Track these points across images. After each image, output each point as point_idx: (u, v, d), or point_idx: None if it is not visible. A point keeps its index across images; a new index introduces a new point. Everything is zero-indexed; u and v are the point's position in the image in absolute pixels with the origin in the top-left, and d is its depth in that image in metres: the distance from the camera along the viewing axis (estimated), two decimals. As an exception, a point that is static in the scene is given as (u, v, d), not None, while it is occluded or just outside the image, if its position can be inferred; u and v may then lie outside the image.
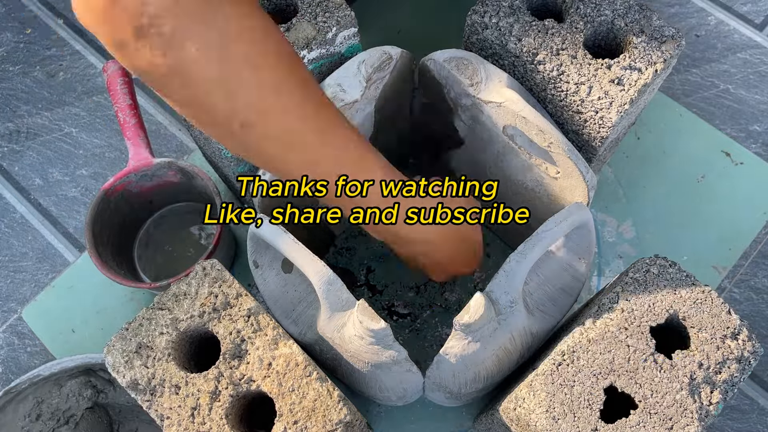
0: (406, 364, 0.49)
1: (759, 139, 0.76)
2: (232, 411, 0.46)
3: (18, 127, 0.80)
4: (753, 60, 0.80)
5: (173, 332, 0.47)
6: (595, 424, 0.43)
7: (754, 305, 0.69)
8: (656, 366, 0.44)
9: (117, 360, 0.47)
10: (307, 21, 0.54)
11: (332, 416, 0.45)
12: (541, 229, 0.49)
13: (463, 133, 0.59)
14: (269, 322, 0.48)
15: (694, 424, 0.42)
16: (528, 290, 0.52)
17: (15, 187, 0.78)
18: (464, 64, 0.54)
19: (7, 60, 0.84)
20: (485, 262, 0.69)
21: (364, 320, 0.45)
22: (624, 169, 0.74)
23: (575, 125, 0.55)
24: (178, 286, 0.49)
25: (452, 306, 0.67)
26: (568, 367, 0.44)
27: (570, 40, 0.54)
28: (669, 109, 0.77)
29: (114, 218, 0.67)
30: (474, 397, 0.58)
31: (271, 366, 0.46)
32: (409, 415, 0.64)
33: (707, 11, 0.84)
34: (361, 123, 0.57)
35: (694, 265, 0.69)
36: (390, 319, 0.67)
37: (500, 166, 0.59)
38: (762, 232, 0.71)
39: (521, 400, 0.45)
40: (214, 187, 0.64)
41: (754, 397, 0.66)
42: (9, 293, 0.73)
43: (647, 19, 0.54)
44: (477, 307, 0.45)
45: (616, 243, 0.71)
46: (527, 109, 0.51)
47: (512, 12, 0.55)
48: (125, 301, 0.71)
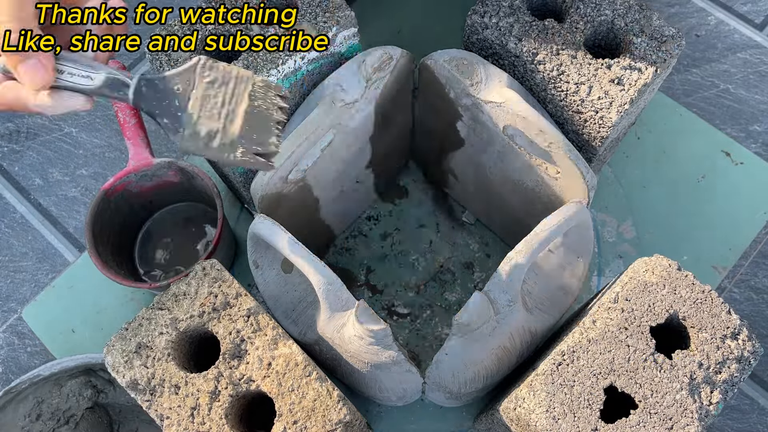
0: (406, 364, 0.49)
1: (759, 139, 0.76)
2: (231, 411, 0.46)
3: (18, 127, 0.80)
4: (753, 60, 0.80)
5: (173, 332, 0.47)
6: (595, 424, 0.43)
7: (754, 305, 0.69)
8: (656, 366, 0.44)
9: (117, 360, 0.47)
10: (307, 21, 0.54)
11: (332, 416, 0.45)
12: (539, 228, 0.49)
13: (463, 133, 0.59)
14: (269, 322, 0.48)
15: (694, 424, 0.42)
16: (527, 289, 0.52)
17: (15, 187, 0.78)
18: (464, 64, 0.54)
19: (7, 60, 0.84)
20: (485, 262, 0.69)
21: (364, 320, 0.46)
22: (624, 169, 0.74)
23: (575, 125, 0.55)
24: (178, 286, 0.49)
25: (452, 306, 0.67)
26: (568, 367, 0.44)
27: (570, 40, 0.54)
28: (669, 109, 0.77)
29: (114, 218, 0.67)
30: (474, 397, 0.58)
31: (270, 366, 0.46)
32: (409, 415, 0.64)
33: (707, 11, 0.84)
34: (361, 123, 0.57)
35: (694, 265, 0.69)
36: (390, 319, 0.67)
37: (500, 166, 0.59)
38: (762, 232, 0.71)
39: (521, 400, 0.45)
40: (214, 187, 0.64)
41: (754, 397, 0.66)
42: (9, 293, 0.73)
43: (647, 19, 0.54)
44: (476, 306, 0.45)
45: (616, 243, 0.71)
46: (527, 109, 0.51)
47: (512, 12, 0.55)
48: (125, 301, 0.71)
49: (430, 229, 0.71)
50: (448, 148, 0.63)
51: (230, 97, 0.42)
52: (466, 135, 0.59)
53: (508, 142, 0.55)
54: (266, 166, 0.42)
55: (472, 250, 0.70)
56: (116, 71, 0.43)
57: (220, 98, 0.42)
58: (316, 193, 0.59)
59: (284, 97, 0.43)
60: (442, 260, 0.69)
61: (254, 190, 0.53)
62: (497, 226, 0.69)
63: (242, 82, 0.42)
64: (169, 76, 0.42)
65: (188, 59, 0.52)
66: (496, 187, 0.62)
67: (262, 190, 0.52)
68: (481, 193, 0.66)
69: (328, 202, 0.62)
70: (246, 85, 0.42)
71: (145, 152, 0.65)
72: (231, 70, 0.42)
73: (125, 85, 0.43)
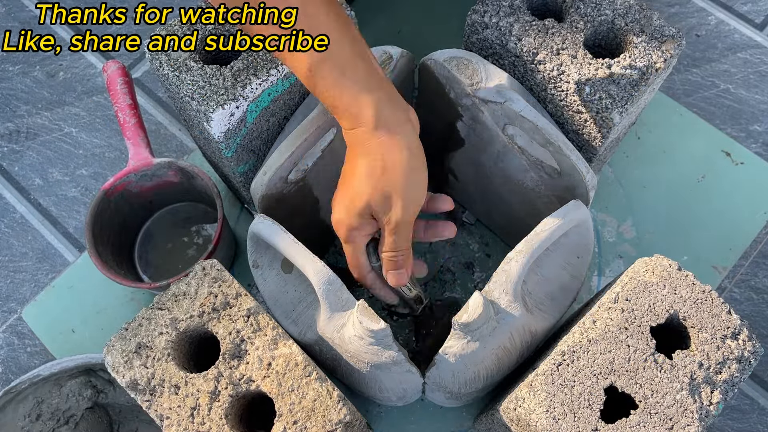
0: (406, 364, 0.49)
1: (759, 139, 0.76)
2: (231, 411, 0.46)
3: (18, 127, 0.80)
4: (753, 60, 0.80)
5: (173, 332, 0.47)
6: (595, 424, 0.43)
7: (754, 305, 0.69)
8: (656, 366, 0.44)
9: (117, 360, 0.47)
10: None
11: (332, 416, 0.45)
12: (539, 228, 0.49)
13: (464, 133, 0.59)
14: (269, 322, 0.48)
15: (694, 424, 0.42)
16: (527, 289, 0.52)
17: (15, 187, 0.78)
18: (464, 64, 0.54)
19: (7, 60, 0.84)
20: (485, 262, 0.69)
21: (364, 320, 0.45)
22: (624, 169, 0.74)
23: (575, 125, 0.55)
24: (178, 286, 0.49)
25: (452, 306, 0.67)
26: (568, 367, 0.44)
27: (570, 39, 0.54)
28: (669, 109, 0.77)
29: (114, 218, 0.67)
30: (474, 397, 0.58)
31: (270, 366, 0.46)
32: (409, 415, 0.64)
33: (707, 11, 0.84)
34: (361, 123, 0.57)
35: (694, 265, 0.69)
36: (390, 319, 0.67)
37: (500, 166, 0.59)
38: (762, 232, 0.71)
39: (521, 400, 0.45)
40: (214, 187, 0.64)
41: (754, 397, 0.65)
42: (9, 293, 0.73)
43: (647, 18, 0.54)
44: (476, 306, 0.45)
45: (616, 243, 0.71)
46: (528, 109, 0.51)
47: (512, 12, 0.55)
48: (125, 301, 0.71)
49: (430, 229, 0.71)
50: (448, 148, 0.63)
51: None
52: (466, 135, 0.59)
53: (508, 141, 0.55)
54: None
55: (472, 250, 0.70)
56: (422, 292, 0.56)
57: None
58: (316, 193, 0.59)
59: None
60: (442, 260, 0.69)
61: (254, 190, 0.53)
62: (497, 226, 0.69)
63: None
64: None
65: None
66: (496, 187, 0.62)
67: (262, 190, 0.52)
68: (481, 193, 0.65)
69: (328, 202, 0.62)
70: None
71: (145, 152, 0.65)
72: None
73: (422, 302, 0.56)
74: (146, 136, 0.66)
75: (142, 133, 0.65)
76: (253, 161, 0.59)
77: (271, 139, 0.58)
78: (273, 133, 0.58)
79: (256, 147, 0.58)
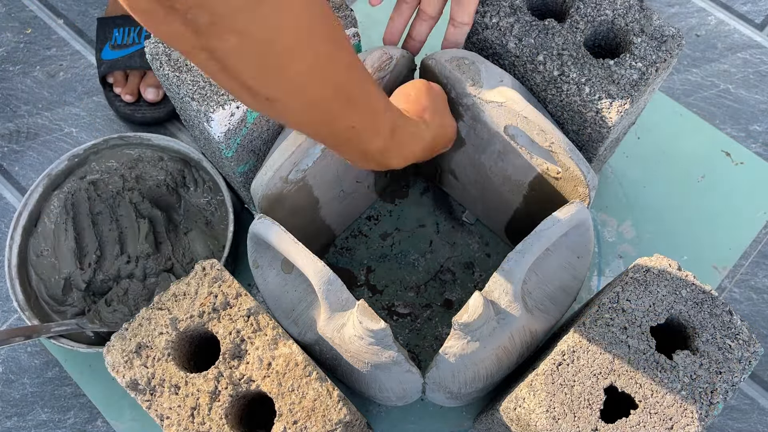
0: (406, 364, 0.49)
1: (759, 139, 0.76)
2: (231, 411, 0.46)
3: (18, 127, 0.80)
4: (753, 60, 0.80)
5: (173, 332, 0.47)
6: (595, 424, 0.43)
7: (754, 305, 0.69)
8: (656, 366, 0.44)
9: (117, 360, 0.47)
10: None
11: (332, 416, 0.45)
12: (539, 228, 0.49)
13: (464, 133, 0.59)
14: (269, 322, 0.48)
15: (694, 424, 0.42)
16: (527, 289, 0.52)
17: (15, 187, 0.78)
18: (465, 63, 0.54)
19: (7, 60, 0.84)
20: (485, 262, 0.69)
21: (364, 320, 0.45)
22: (624, 169, 0.74)
23: (576, 125, 0.55)
24: (178, 286, 0.49)
25: (452, 306, 0.67)
26: (568, 366, 0.44)
27: (570, 40, 0.54)
28: (669, 109, 0.77)
29: (114, 218, 0.67)
30: (474, 397, 0.58)
31: (270, 366, 0.46)
32: (409, 415, 0.64)
33: (707, 11, 0.84)
34: (361, 123, 0.57)
35: (694, 265, 0.69)
36: (390, 319, 0.67)
37: (501, 166, 0.59)
38: (762, 232, 0.71)
39: (521, 400, 0.45)
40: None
41: (754, 397, 0.66)
42: (9, 293, 0.73)
43: (647, 18, 0.54)
44: (476, 306, 0.45)
45: (616, 243, 0.71)
46: (528, 109, 0.51)
47: (512, 12, 0.55)
48: (125, 301, 0.71)
49: (430, 229, 0.71)
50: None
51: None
52: (466, 135, 0.59)
53: (509, 141, 0.55)
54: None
55: (472, 250, 0.70)
56: None
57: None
58: (316, 193, 0.59)
59: None
60: (442, 260, 0.69)
61: (254, 190, 0.53)
62: (497, 226, 0.69)
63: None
64: None
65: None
66: (497, 187, 0.62)
67: (262, 190, 0.52)
68: (482, 193, 0.65)
69: (328, 202, 0.62)
70: None
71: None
72: None
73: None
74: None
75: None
76: (253, 161, 0.59)
77: (271, 139, 0.58)
78: (273, 133, 0.58)
79: (256, 147, 0.58)
